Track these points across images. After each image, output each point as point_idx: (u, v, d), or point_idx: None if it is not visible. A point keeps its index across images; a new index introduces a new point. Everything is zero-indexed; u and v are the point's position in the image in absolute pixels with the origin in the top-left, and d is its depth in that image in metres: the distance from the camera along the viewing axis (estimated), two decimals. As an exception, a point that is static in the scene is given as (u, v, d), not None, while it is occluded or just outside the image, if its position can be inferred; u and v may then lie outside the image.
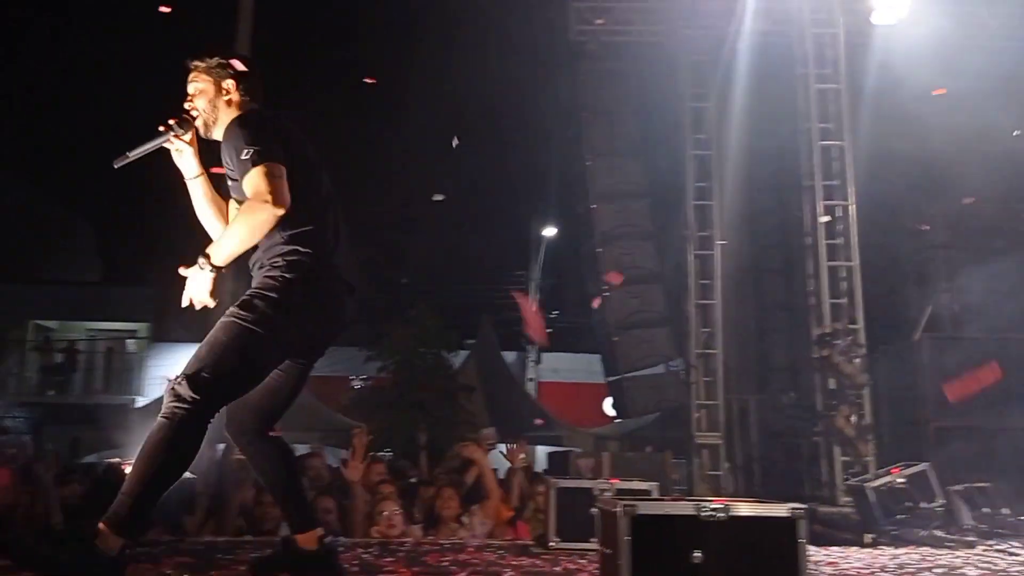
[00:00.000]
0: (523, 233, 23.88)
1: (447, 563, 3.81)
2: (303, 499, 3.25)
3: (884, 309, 8.81)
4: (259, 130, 2.97)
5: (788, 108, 9.69)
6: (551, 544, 4.38)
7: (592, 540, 4.24)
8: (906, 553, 4.64)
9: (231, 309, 2.95)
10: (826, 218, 8.60)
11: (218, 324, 2.93)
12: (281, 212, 2.84)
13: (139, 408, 15.94)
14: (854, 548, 4.88)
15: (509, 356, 22.20)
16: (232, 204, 3.18)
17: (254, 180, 2.84)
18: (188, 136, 3.13)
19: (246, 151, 2.88)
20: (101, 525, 2.71)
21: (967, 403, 7.59)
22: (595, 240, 10.60)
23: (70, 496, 4.96)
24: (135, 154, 3.02)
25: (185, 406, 2.79)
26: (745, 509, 2.67)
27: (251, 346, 2.91)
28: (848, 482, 6.91)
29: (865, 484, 6.03)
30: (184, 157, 3.15)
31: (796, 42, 9.60)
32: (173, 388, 2.82)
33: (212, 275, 2.81)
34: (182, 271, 2.87)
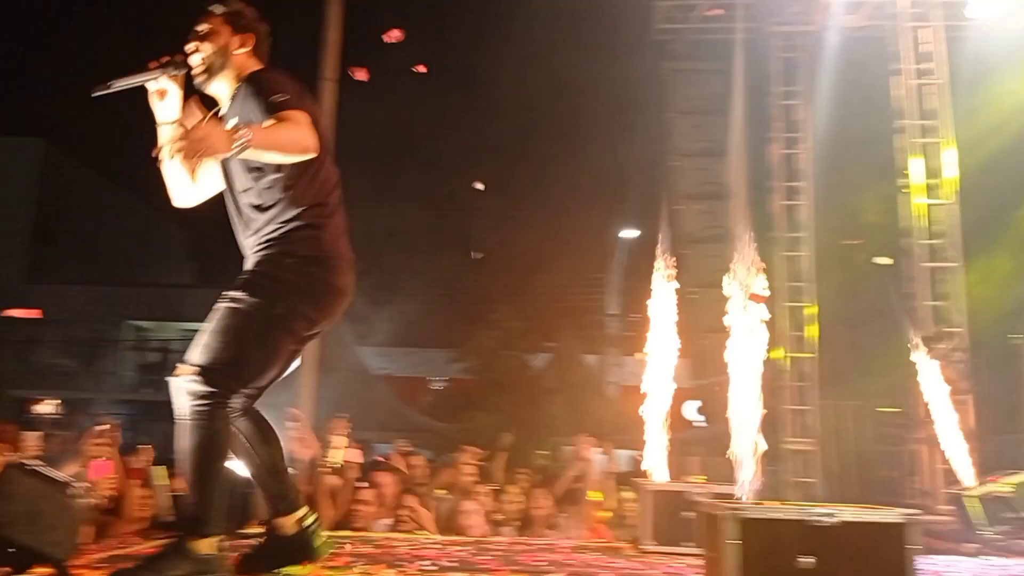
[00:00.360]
0: (603, 235, 23.80)
1: (543, 563, 3.83)
2: (284, 480, 3.09)
3: (988, 311, 8.47)
4: (292, 83, 2.88)
5: (882, 105, 9.42)
6: (645, 547, 4.36)
7: (686, 543, 4.23)
8: (1017, 564, 4.47)
9: (234, 293, 2.85)
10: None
11: (222, 310, 2.84)
12: (315, 154, 2.76)
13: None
14: (958, 558, 4.72)
15: (590, 360, 22.15)
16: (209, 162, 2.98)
17: (295, 118, 2.72)
18: (179, 77, 2.96)
19: (281, 96, 2.77)
20: (188, 537, 2.74)
21: None
22: (678, 242, 10.48)
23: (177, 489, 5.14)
24: (119, 85, 2.83)
25: (206, 403, 2.76)
26: (854, 514, 2.62)
27: (263, 333, 2.82)
28: (950, 491, 6.67)
29: (966, 493, 5.82)
30: (167, 99, 2.96)
31: (891, 37, 9.33)
32: (185, 386, 2.76)
33: (234, 149, 2.56)
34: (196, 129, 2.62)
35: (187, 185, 3.11)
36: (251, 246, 2.99)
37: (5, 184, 24.27)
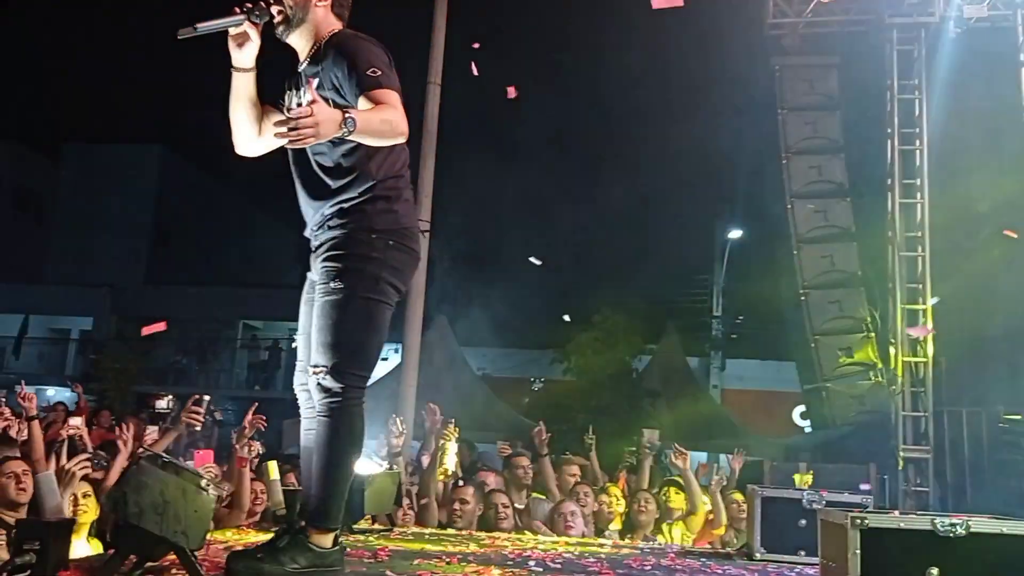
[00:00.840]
0: (708, 235, 23.45)
1: (650, 567, 3.77)
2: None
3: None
4: (385, 56, 2.87)
5: (1006, 99, 8.97)
6: (757, 555, 4.24)
7: (800, 552, 4.10)
8: None
9: (332, 284, 2.86)
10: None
11: (328, 304, 2.86)
12: (405, 139, 2.79)
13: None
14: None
15: (692, 362, 21.81)
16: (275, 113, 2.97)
17: (391, 100, 2.73)
18: (260, 24, 2.91)
19: (374, 70, 2.76)
20: (309, 530, 2.80)
21: None
22: (791, 241, 10.21)
23: (287, 484, 5.28)
24: (204, 28, 2.78)
25: (338, 399, 2.83)
26: (984, 525, 2.48)
27: (372, 315, 2.88)
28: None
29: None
30: (247, 46, 2.91)
31: (1018, 27, 8.88)
32: (319, 384, 2.84)
33: (339, 132, 2.58)
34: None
35: (253, 137, 3.10)
36: (320, 214, 2.98)
37: (127, 191, 25.60)
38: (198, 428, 4.92)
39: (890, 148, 10.01)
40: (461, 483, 5.72)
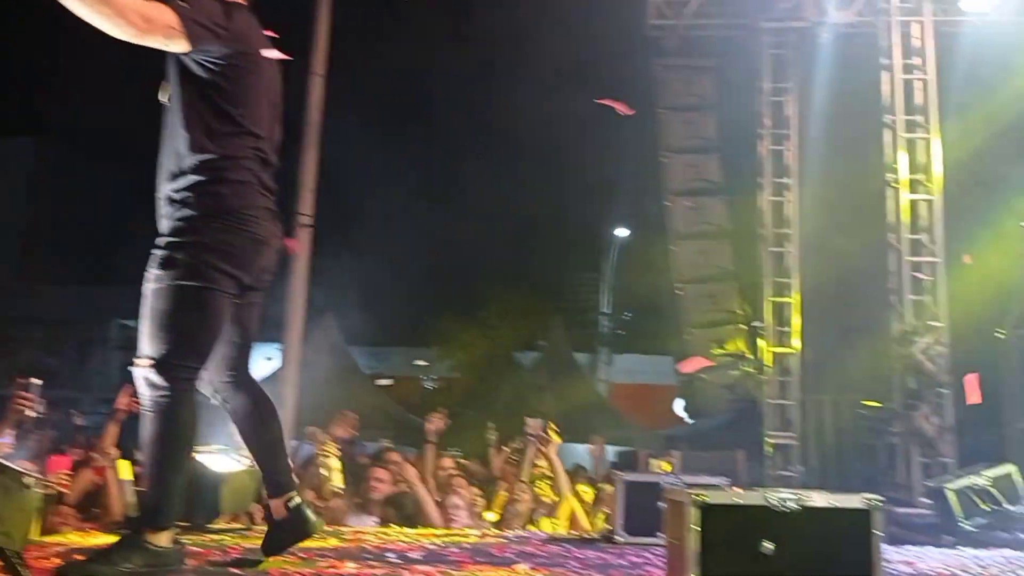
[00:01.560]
0: (597, 233, 23.79)
1: (511, 554, 3.79)
2: (274, 459, 3.03)
3: (968, 306, 8.49)
4: None
5: (871, 101, 9.42)
6: (618, 538, 4.33)
7: (659, 534, 4.20)
8: (988, 554, 4.46)
9: (155, 272, 2.79)
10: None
11: (151, 294, 2.77)
12: (123, 33, 2.59)
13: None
14: (933, 549, 4.71)
15: (581, 357, 22.14)
16: None
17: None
18: None
19: None
20: (144, 529, 2.70)
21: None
22: (669, 238, 10.48)
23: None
24: None
25: (164, 393, 2.72)
26: (818, 500, 2.59)
27: (198, 302, 2.76)
28: (927, 483, 6.67)
29: (945, 485, 5.81)
30: None
31: (882, 32, 9.34)
32: (145, 377, 2.73)
33: None
34: None
35: None
36: (162, 201, 2.89)
37: (-4, 186, 24.24)
38: (31, 415, 4.63)
39: (761, 148, 10.39)
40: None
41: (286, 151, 3.14)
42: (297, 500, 2.99)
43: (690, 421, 17.46)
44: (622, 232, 22.84)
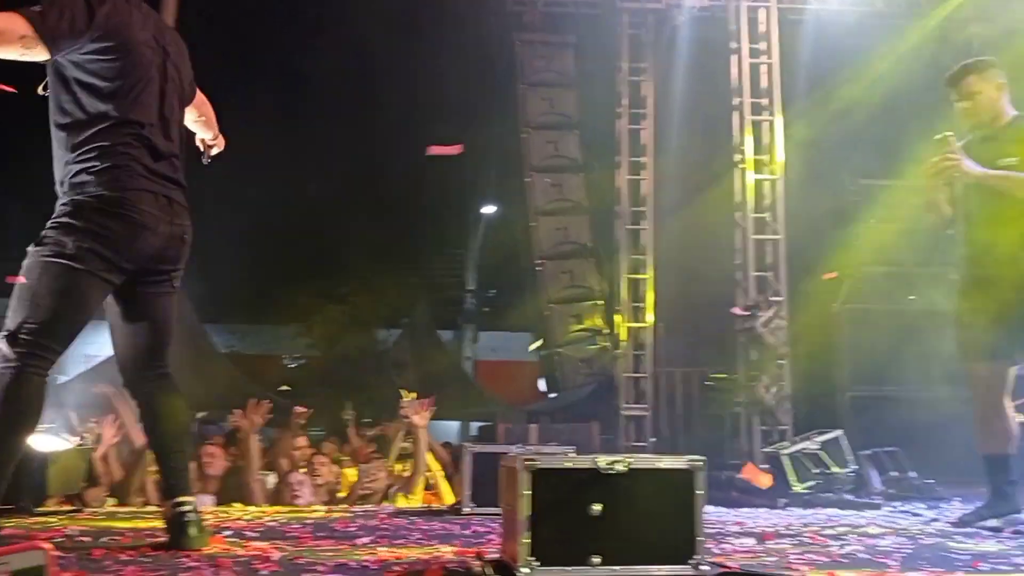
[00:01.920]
0: (462, 209, 23.71)
1: (354, 528, 3.75)
2: (165, 460, 3.00)
3: (807, 281, 8.96)
4: None
5: (723, 84, 9.75)
6: (465, 509, 4.35)
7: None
8: (813, 514, 4.73)
9: (30, 248, 2.78)
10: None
11: (23, 269, 2.76)
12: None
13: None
14: (764, 510, 4.96)
15: (447, 335, 22.14)
16: None
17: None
18: None
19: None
20: None
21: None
22: (529, 214, 10.57)
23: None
24: None
25: (11, 364, 2.65)
26: (642, 462, 2.65)
27: (63, 283, 2.73)
28: (766, 449, 7.03)
29: (781, 451, 6.14)
30: None
31: (731, 17, 9.66)
32: None
33: None
34: None
35: None
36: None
37: None
38: None
39: (619, 127, 10.61)
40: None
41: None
42: (184, 508, 2.91)
43: (551, 396, 17.80)
44: (488, 208, 22.89)
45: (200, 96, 3.35)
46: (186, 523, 2.89)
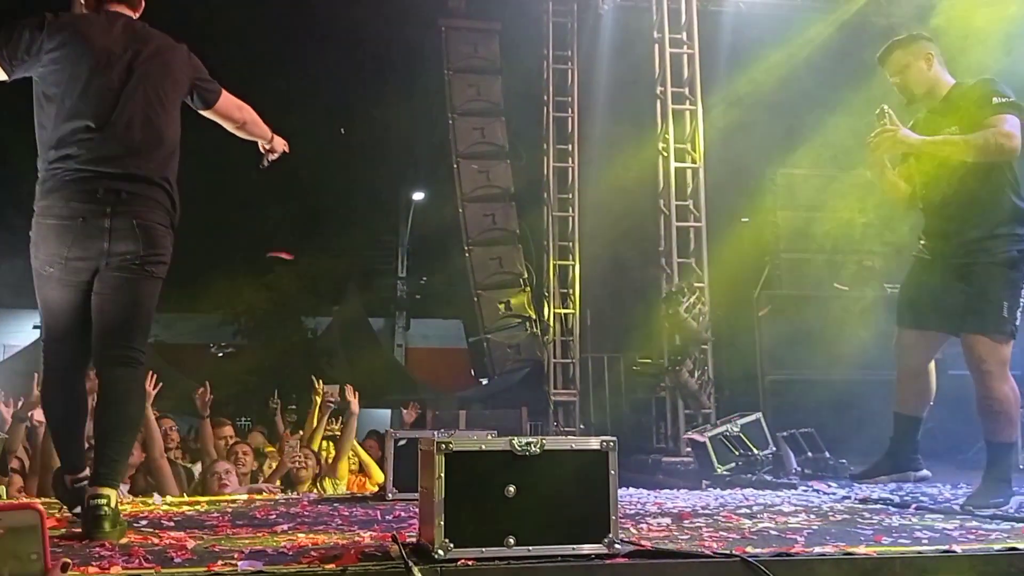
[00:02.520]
0: (393, 196, 23.51)
1: (275, 516, 3.72)
2: (106, 449, 3.05)
3: (727, 268, 9.16)
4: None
5: (647, 73, 9.85)
6: (389, 496, 4.35)
7: (428, 488, 4.27)
8: (731, 494, 4.85)
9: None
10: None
11: None
12: None
13: None
14: (685, 491, 5.07)
15: (378, 322, 22.00)
16: None
17: None
18: None
19: None
20: None
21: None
22: (457, 200, 10.56)
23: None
24: None
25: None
26: (557, 443, 2.69)
27: (37, 286, 3.11)
28: (689, 433, 7.17)
29: (704, 434, 6.28)
30: None
31: (654, 7, 9.75)
32: None
33: None
34: None
35: None
36: None
37: None
38: None
39: (545, 114, 10.66)
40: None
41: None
42: (100, 502, 2.92)
43: (482, 381, 17.85)
44: (418, 195, 22.77)
45: (231, 102, 3.60)
46: (100, 517, 2.88)
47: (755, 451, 6.15)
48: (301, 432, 7.03)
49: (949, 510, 3.78)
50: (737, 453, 6.12)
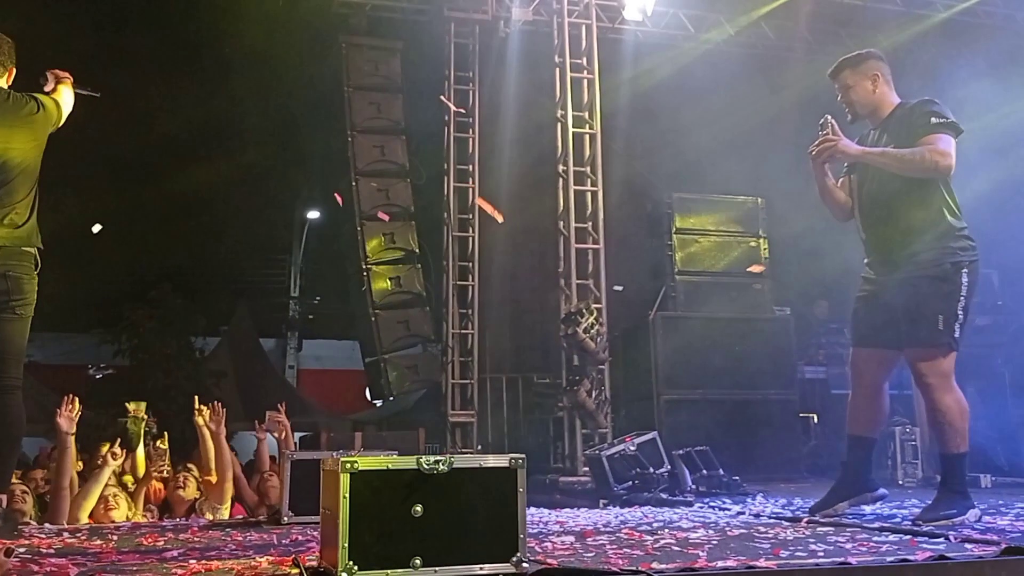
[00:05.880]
0: (288, 214, 23.03)
1: (163, 542, 3.55)
2: None
3: (624, 290, 9.34)
4: None
5: (549, 95, 9.97)
6: (284, 519, 4.21)
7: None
8: (630, 511, 4.90)
9: None
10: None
11: None
12: None
13: None
14: (584, 510, 5.09)
15: (269, 343, 21.46)
16: None
17: None
18: None
19: None
20: None
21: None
22: (356, 219, 10.37)
23: None
24: None
25: None
26: (466, 461, 2.66)
27: None
28: (587, 452, 7.22)
29: (601, 453, 6.34)
30: None
31: (556, 32, 9.90)
32: None
33: None
34: None
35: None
36: None
37: None
38: None
39: (446, 134, 10.65)
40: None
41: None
42: None
43: (377, 404, 17.58)
44: (313, 213, 22.39)
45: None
46: None
47: (651, 469, 6.25)
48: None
49: (839, 523, 3.90)
50: (634, 472, 6.20)
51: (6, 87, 4.07)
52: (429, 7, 10.73)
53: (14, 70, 4.13)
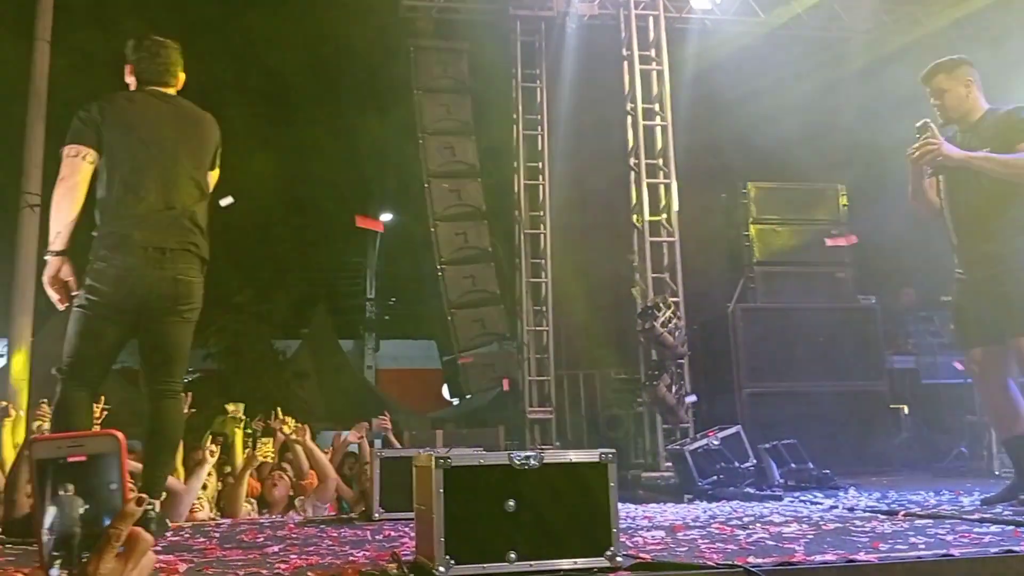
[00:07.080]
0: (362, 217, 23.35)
1: (262, 539, 3.66)
2: None
3: (701, 283, 9.22)
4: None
5: (616, 90, 9.92)
6: (375, 516, 4.30)
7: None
8: (718, 506, 4.85)
9: None
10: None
11: None
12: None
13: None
14: (670, 505, 5.06)
15: (347, 344, 21.89)
16: None
17: None
18: None
19: None
20: None
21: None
22: (429, 220, 10.51)
23: None
24: None
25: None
26: (556, 456, 2.67)
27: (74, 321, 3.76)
28: (669, 447, 7.17)
29: (684, 448, 6.28)
30: None
31: (622, 25, 9.85)
32: None
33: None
34: None
35: None
36: None
37: None
38: None
39: (515, 133, 10.69)
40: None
41: (9, 122, 3.52)
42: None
43: (454, 402, 17.77)
44: (387, 215, 22.74)
45: None
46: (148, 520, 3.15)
47: (736, 464, 6.17)
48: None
49: (937, 515, 3.80)
50: (718, 466, 6.12)
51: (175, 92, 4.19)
52: (494, 6, 10.76)
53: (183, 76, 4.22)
